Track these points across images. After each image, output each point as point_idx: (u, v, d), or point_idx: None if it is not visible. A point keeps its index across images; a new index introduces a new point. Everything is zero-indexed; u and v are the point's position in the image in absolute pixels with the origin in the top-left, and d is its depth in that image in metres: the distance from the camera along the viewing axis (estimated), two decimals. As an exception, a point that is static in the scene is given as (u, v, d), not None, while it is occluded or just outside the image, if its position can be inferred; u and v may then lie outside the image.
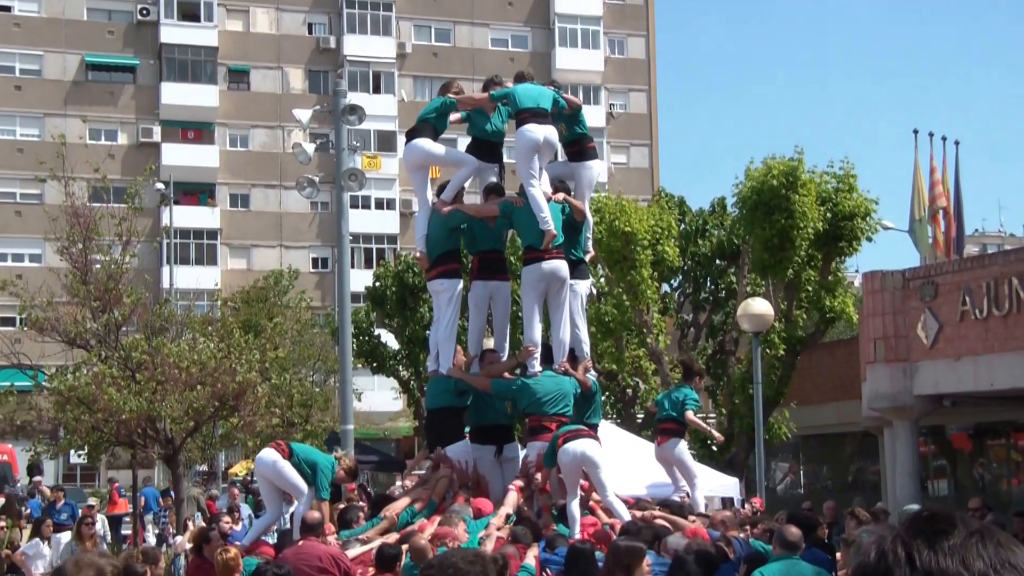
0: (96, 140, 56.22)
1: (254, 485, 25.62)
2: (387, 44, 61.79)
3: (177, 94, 58.67)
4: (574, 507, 11.85)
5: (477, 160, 14.04)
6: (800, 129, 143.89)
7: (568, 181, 14.22)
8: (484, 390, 13.25)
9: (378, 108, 56.45)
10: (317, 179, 22.27)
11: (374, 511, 12.62)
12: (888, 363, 21.25)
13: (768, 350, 25.02)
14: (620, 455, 15.45)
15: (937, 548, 2.01)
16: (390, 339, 37.60)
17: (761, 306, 20.76)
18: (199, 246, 58.67)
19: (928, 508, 2.13)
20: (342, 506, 13.09)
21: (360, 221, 54.61)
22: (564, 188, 13.96)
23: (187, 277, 51.22)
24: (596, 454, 12.01)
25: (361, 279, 42.48)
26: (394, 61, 61.92)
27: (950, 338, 20.36)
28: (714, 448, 25.69)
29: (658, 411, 15.67)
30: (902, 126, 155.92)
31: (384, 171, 57.06)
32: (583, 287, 14.17)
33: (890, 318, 21.29)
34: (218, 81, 60.22)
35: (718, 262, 31.34)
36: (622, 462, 15.10)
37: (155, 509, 28.66)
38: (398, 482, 29.02)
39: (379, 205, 60.48)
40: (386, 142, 59.55)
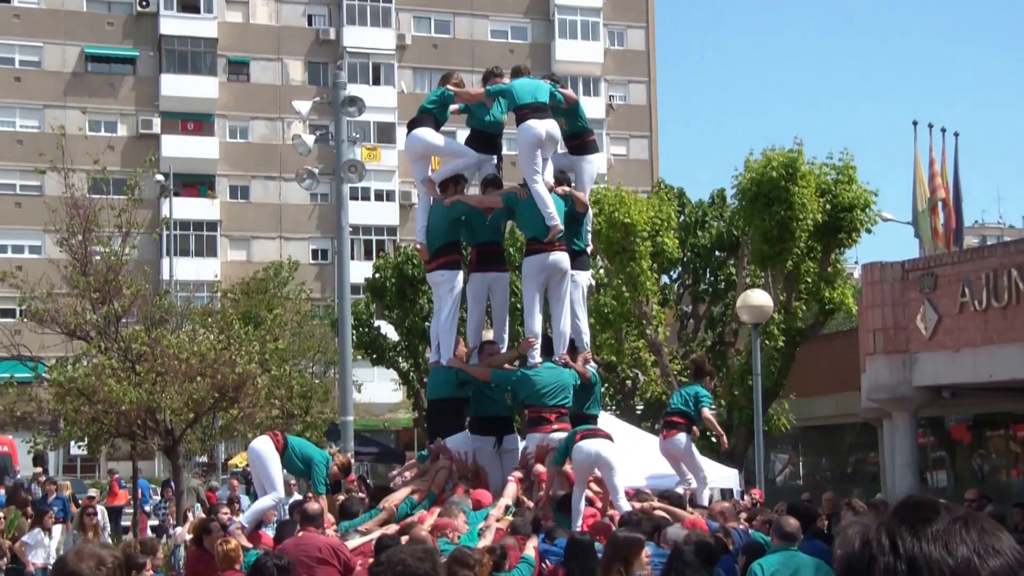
0: (96, 132, 56.18)
1: (253, 476, 25.64)
2: (387, 35, 61.75)
3: (177, 86, 58.66)
4: (580, 502, 11.84)
5: (476, 153, 14.04)
6: (800, 120, 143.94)
7: (568, 173, 14.23)
8: (484, 380, 13.27)
9: (378, 100, 56.37)
10: (317, 171, 22.26)
11: (373, 502, 12.64)
12: (887, 354, 21.24)
13: (767, 341, 25.04)
14: (620, 446, 15.42)
15: (921, 535, 2.01)
16: (390, 331, 37.57)
17: (760, 297, 20.78)
18: (199, 238, 58.67)
19: (913, 496, 2.13)
20: (342, 498, 13.10)
21: (360, 213, 54.68)
22: (565, 180, 13.96)
23: (187, 269, 51.31)
24: (612, 456, 11.89)
25: (361, 271, 42.49)
26: (394, 53, 61.88)
27: (949, 329, 20.35)
28: (713, 440, 25.70)
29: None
30: (901, 117, 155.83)
31: (384, 163, 56.99)
32: (584, 278, 14.15)
33: (889, 309, 21.27)
34: (218, 73, 60.19)
35: (717, 253, 31.37)
36: (622, 453, 15.07)
37: (148, 500, 28.76)
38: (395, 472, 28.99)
39: (379, 197, 60.47)
40: (386, 134, 59.53)
